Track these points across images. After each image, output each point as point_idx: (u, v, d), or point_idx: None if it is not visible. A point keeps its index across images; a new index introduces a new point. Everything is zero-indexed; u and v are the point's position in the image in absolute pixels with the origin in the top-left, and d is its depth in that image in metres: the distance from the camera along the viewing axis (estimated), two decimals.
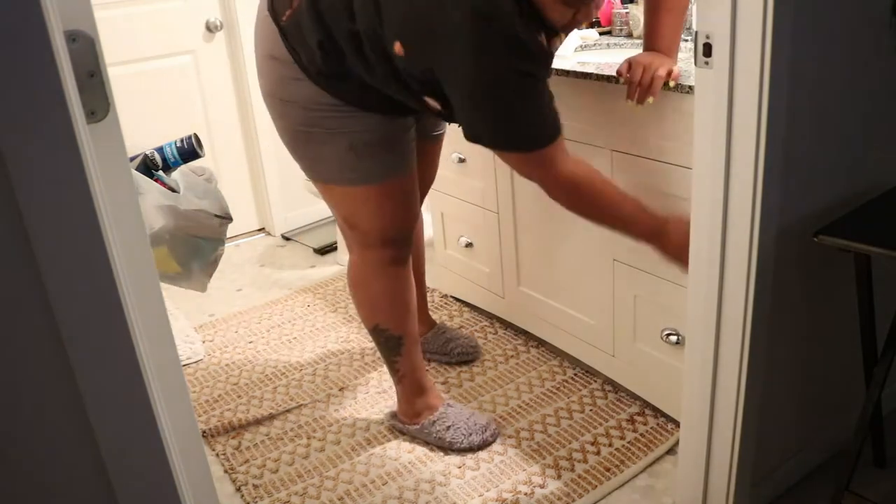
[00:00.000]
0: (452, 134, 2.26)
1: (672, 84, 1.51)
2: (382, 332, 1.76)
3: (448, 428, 1.80)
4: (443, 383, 2.08)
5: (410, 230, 1.73)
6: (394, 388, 1.91)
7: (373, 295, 1.74)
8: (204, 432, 1.95)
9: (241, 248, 3.18)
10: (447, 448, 1.80)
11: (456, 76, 1.40)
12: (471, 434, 1.80)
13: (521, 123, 1.43)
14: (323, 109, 1.55)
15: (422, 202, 1.94)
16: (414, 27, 1.41)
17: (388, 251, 1.69)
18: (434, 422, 1.82)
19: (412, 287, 1.78)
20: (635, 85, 1.52)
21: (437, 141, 1.95)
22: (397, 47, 1.42)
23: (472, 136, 1.47)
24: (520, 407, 1.95)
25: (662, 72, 1.49)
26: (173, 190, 2.00)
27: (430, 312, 2.45)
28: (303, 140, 1.63)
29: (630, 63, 1.56)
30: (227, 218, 2.10)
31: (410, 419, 1.85)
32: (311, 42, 1.49)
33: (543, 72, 1.43)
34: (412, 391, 1.83)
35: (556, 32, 1.44)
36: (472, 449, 1.79)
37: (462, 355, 2.15)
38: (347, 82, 1.52)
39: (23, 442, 0.81)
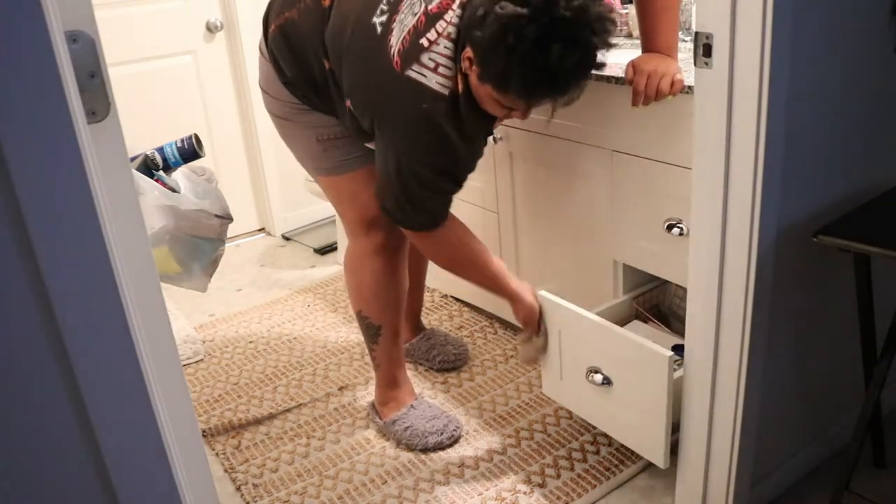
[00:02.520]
0: None
1: (671, 98, 1.52)
2: (364, 319, 1.83)
3: (406, 429, 1.85)
4: (443, 383, 2.08)
5: None
6: None
7: (359, 282, 1.81)
8: (204, 432, 1.95)
9: (241, 248, 3.18)
10: (407, 448, 1.84)
11: (384, 145, 1.54)
12: (427, 436, 1.82)
13: (420, 210, 1.57)
14: (293, 104, 1.68)
15: None
16: (361, 95, 1.53)
17: (372, 238, 1.75)
18: (395, 421, 1.86)
19: (399, 282, 1.82)
20: (640, 94, 1.53)
21: None
22: (348, 103, 1.56)
23: (378, 195, 1.61)
24: (520, 407, 1.95)
25: (666, 84, 1.51)
26: (173, 190, 2.00)
27: (430, 312, 2.45)
28: (283, 132, 1.76)
29: (634, 69, 1.56)
30: (227, 218, 2.10)
31: (380, 407, 1.91)
32: (287, 66, 1.64)
33: (462, 167, 1.55)
34: (385, 381, 1.89)
35: (493, 119, 1.54)
36: (427, 450, 1.82)
37: (444, 363, 2.13)
38: (315, 97, 1.65)
39: (23, 442, 0.81)
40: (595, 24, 1.33)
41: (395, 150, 1.52)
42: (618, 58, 2.04)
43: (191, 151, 2.05)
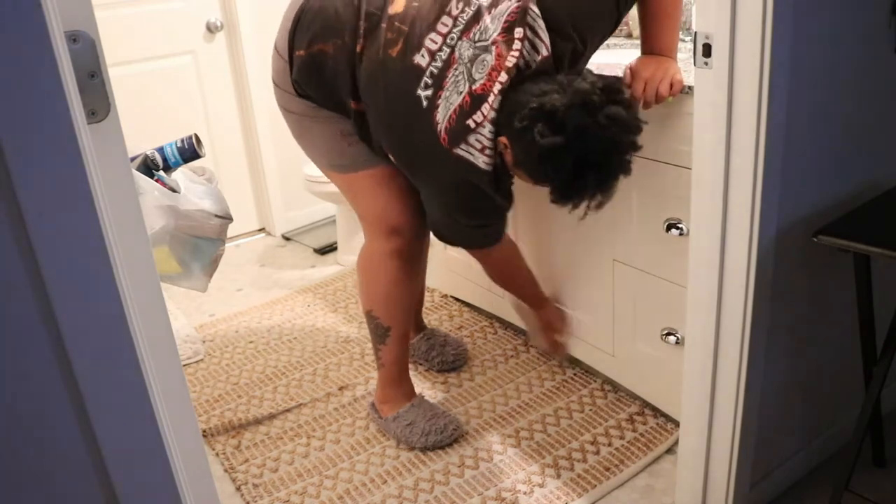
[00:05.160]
0: None
1: (671, 100, 1.53)
2: (374, 319, 1.84)
3: (407, 426, 1.85)
4: (443, 383, 2.08)
5: (413, 221, 1.75)
6: None
7: (372, 283, 1.82)
8: (204, 432, 1.95)
9: (241, 248, 3.18)
10: (406, 446, 1.85)
11: (427, 195, 1.65)
12: (427, 434, 1.83)
13: (473, 237, 1.72)
14: (308, 101, 1.67)
15: None
16: (405, 157, 1.62)
17: (392, 243, 1.76)
18: (395, 418, 1.87)
19: (414, 287, 1.85)
20: (639, 100, 1.55)
21: None
22: (385, 147, 1.63)
23: (431, 228, 1.72)
24: (520, 407, 1.95)
25: (665, 88, 1.52)
26: (173, 190, 2.00)
27: (430, 312, 2.45)
28: (300, 127, 1.74)
29: (633, 74, 1.57)
30: (227, 218, 2.10)
31: (380, 404, 1.91)
32: (312, 90, 1.65)
33: (500, 206, 1.64)
34: (388, 380, 1.89)
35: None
36: (427, 448, 1.83)
37: (442, 364, 2.14)
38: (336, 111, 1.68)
39: (23, 442, 0.81)
40: (625, 138, 1.41)
41: (439, 202, 1.64)
42: (619, 58, 2.04)
43: (191, 151, 2.05)
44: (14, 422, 0.80)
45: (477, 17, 1.47)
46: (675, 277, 1.67)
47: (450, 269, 2.49)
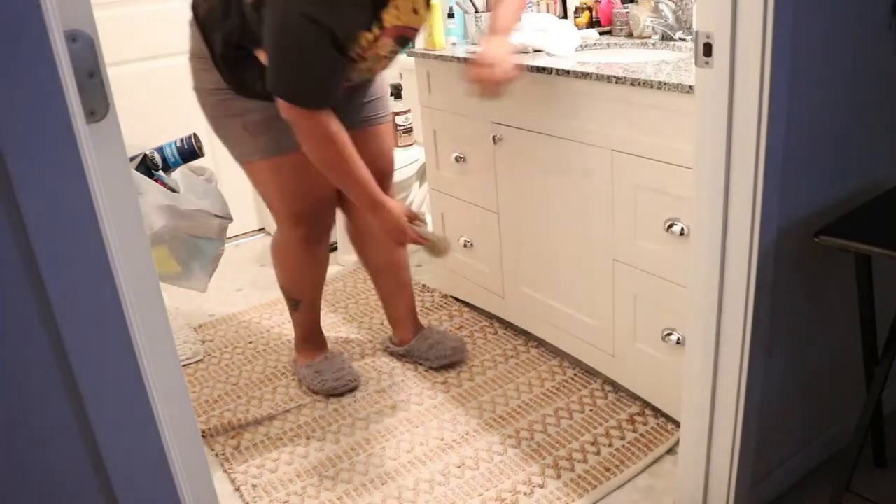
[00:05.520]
0: (451, 134, 2.26)
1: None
2: (287, 293, 2.10)
3: (315, 373, 2.10)
4: (443, 383, 2.08)
5: (318, 209, 1.93)
6: (391, 386, 2.04)
7: (283, 265, 2.05)
8: (204, 432, 1.95)
9: (241, 248, 3.18)
10: (309, 389, 2.10)
11: (269, 18, 1.59)
12: (325, 381, 2.07)
13: (305, 79, 1.62)
14: (222, 93, 1.80)
15: (384, 184, 1.97)
16: None
17: (298, 231, 1.93)
18: (309, 365, 2.13)
19: (319, 268, 2.05)
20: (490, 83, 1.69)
21: (376, 125, 1.99)
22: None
23: (269, 81, 1.64)
24: (520, 407, 1.95)
25: (499, 81, 1.67)
26: (173, 190, 2.00)
27: (430, 312, 2.45)
28: (216, 124, 1.89)
29: (477, 62, 1.69)
30: (226, 218, 2.10)
31: (297, 355, 2.18)
32: (218, 28, 1.74)
33: (332, 21, 1.54)
34: (301, 338, 2.17)
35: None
36: (324, 393, 2.06)
37: (441, 359, 2.13)
38: (236, 68, 1.76)
39: (22, 442, 0.81)
40: None
41: (271, 19, 1.58)
42: (620, 57, 2.04)
43: (190, 151, 2.05)
44: (13, 422, 0.80)
45: None
46: (675, 277, 1.67)
47: (450, 269, 2.49)
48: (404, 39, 1.73)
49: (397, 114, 2.91)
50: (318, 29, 1.53)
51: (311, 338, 2.16)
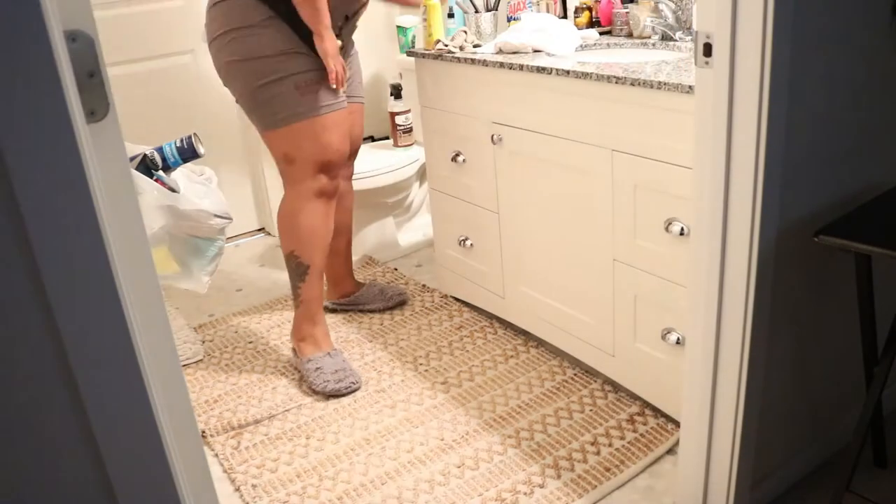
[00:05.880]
0: (451, 134, 2.26)
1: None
2: (295, 258, 2.10)
3: (316, 370, 2.10)
4: (442, 383, 2.08)
5: (341, 158, 2.06)
6: (391, 386, 2.02)
7: (295, 225, 2.07)
8: (204, 432, 1.95)
9: (241, 248, 3.18)
10: (309, 387, 2.10)
11: None
12: (327, 382, 2.07)
13: None
14: (269, 58, 1.91)
15: (351, 161, 2.29)
16: None
17: (318, 181, 2.03)
18: (310, 360, 2.13)
19: (330, 227, 2.12)
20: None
21: (353, 100, 2.19)
22: None
23: None
24: (520, 407, 1.95)
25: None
26: (173, 190, 2.00)
27: (430, 312, 2.46)
28: (260, 93, 1.96)
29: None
30: (226, 218, 2.10)
31: (298, 342, 2.17)
32: None
33: None
34: (305, 317, 2.16)
35: None
36: (325, 394, 2.06)
37: (392, 299, 2.48)
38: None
39: (22, 442, 0.81)
40: None
41: None
42: (620, 57, 2.04)
43: (190, 151, 2.05)
44: (13, 422, 0.80)
45: None
46: (675, 277, 1.67)
47: (450, 269, 2.49)
48: None
49: (397, 114, 2.91)
50: None
51: (314, 319, 2.15)
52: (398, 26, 2.95)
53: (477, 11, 2.25)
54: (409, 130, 2.95)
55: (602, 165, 1.76)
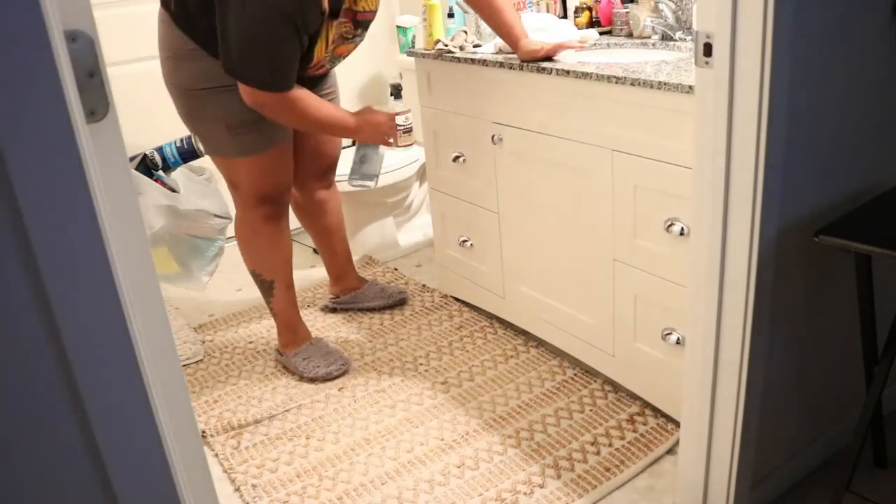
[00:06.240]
0: (451, 134, 2.26)
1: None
2: (258, 276, 2.14)
3: (304, 360, 2.16)
4: (442, 383, 2.08)
5: (282, 192, 2.06)
6: (391, 386, 2.03)
7: (251, 247, 2.10)
8: (204, 432, 1.95)
9: None
10: (300, 376, 2.15)
11: (234, 14, 1.68)
12: (318, 367, 2.13)
13: (264, 66, 1.75)
14: (201, 91, 1.85)
15: (328, 175, 2.31)
16: None
17: (263, 210, 2.03)
18: (296, 354, 2.18)
19: (286, 243, 2.13)
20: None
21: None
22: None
23: (226, 64, 1.76)
24: (520, 407, 1.95)
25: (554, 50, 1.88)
26: (173, 190, 2.00)
27: (430, 312, 2.45)
28: (194, 124, 1.96)
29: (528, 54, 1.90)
30: (226, 218, 2.10)
31: (283, 349, 2.21)
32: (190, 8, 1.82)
33: (307, 18, 1.71)
34: (284, 326, 2.20)
35: None
36: (317, 379, 2.12)
37: (391, 297, 2.49)
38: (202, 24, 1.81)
39: (22, 442, 0.81)
40: None
41: (239, 38, 1.70)
42: (620, 57, 2.04)
43: (190, 151, 2.05)
44: (13, 422, 0.80)
45: None
46: (675, 277, 1.67)
47: (450, 269, 2.49)
48: (364, 23, 1.91)
49: (397, 114, 2.90)
50: (288, 22, 1.67)
51: (292, 326, 2.20)
52: (398, 26, 2.95)
53: None
54: (409, 130, 2.94)
55: (602, 165, 1.76)
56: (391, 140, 2.06)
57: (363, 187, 2.20)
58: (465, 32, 2.20)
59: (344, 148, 2.38)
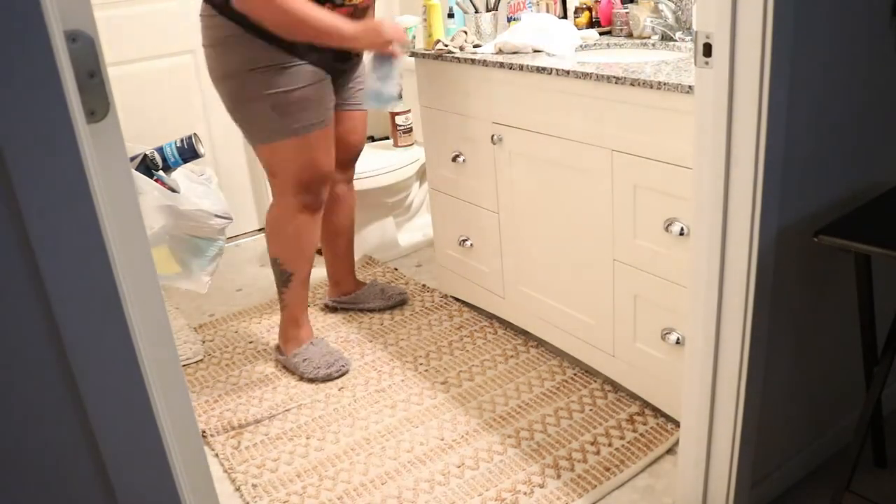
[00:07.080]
0: (451, 134, 2.26)
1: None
2: (278, 265, 2.14)
3: (304, 361, 2.15)
4: (442, 383, 2.08)
5: (322, 179, 2.06)
6: (391, 386, 2.04)
7: (280, 234, 2.11)
8: (204, 432, 1.95)
9: (241, 248, 3.18)
10: (300, 377, 2.15)
11: None
12: (318, 368, 2.13)
13: None
14: (247, 73, 1.88)
15: (350, 167, 2.32)
16: None
17: (300, 199, 2.05)
18: (296, 354, 2.18)
19: (315, 237, 2.15)
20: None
21: (354, 110, 2.22)
22: None
23: None
24: (520, 407, 1.95)
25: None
26: (173, 190, 2.00)
27: (430, 312, 2.46)
28: (239, 110, 1.97)
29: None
30: (226, 218, 2.10)
31: (283, 344, 2.22)
32: None
33: None
34: (289, 321, 2.20)
35: None
36: (317, 380, 2.13)
37: (392, 298, 2.49)
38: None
39: (22, 442, 0.81)
40: None
41: None
42: (620, 58, 2.04)
43: (190, 151, 2.05)
44: (13, 422, 0.80)
45: None
46: (675, 277, 1.67)
47: (450, 269, 2.49)
48: None
49: (397, 114, 2.91)
50: None
51: (298, 322, 2.20)
52: None
53: (477, 11, 2.25)
54: (409, 130, 2.95)
55: (602, 165, 1.76)
56: (397, 48, 1.99)
57: (387, 108, 2.19)
58: (465, 32, 2.20)
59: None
